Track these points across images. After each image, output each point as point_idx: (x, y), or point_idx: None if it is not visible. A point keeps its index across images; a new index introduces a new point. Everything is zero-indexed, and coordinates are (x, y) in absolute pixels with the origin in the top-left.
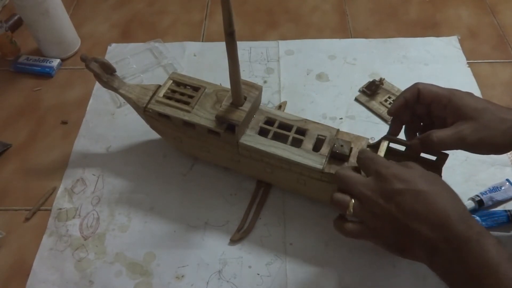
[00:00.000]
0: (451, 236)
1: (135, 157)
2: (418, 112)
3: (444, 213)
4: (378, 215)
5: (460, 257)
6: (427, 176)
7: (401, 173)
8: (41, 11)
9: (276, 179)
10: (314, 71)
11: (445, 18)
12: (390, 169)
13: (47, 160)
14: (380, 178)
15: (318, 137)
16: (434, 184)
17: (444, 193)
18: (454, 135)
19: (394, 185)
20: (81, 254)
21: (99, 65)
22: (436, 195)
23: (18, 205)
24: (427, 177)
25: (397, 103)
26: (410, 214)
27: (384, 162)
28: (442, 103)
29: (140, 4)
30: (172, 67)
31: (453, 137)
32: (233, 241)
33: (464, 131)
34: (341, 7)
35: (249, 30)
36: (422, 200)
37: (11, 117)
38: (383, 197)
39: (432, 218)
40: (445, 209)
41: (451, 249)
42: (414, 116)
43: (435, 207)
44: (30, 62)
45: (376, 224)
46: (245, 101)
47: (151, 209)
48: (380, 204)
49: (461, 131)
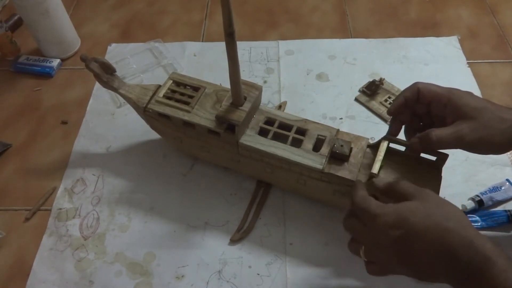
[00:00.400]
0: (459, 269)
1: (135, 157)
2: (418, 111)
3: (448, 247)
4: (388, 259)
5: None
6: (419, 207)
7: (393, 218)
8: (41, 11)
9: (276, 179)
10: (314, 71)
11: (445, 18)
12: (381, 218)
13: (47, 160)
14: (376, 229)
15: (318, 137)
16: (428, 216)
17: (443, 221)
18: (453, 134)
19: (390, 235)
20: (81, 254)
21: (99, 65)
22: (435, 229)
23: (18, 205)
24: (419, 210)
25: (396, 102)
26: (416, 255)
27: (373, 212)
28: (442, 103)
29: (140, 4)
30: (172, 67)
31: (452, 136)
32: (233, 241)
33: (463, 130)
34: (341, 7)
35: (249, 30)
36: (423, 239)
37: (11, 117)
38: (386, 247)
39: (438, 254)
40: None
41: (463, 278)
42: (414, 116)
43: (438, 242)
44: (30, 62)
45: (388, 266)
46: (245, 101)
47: (151, 209)
48: (385, 252)
49: (460, 130)
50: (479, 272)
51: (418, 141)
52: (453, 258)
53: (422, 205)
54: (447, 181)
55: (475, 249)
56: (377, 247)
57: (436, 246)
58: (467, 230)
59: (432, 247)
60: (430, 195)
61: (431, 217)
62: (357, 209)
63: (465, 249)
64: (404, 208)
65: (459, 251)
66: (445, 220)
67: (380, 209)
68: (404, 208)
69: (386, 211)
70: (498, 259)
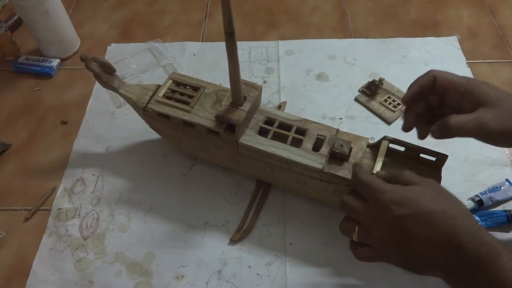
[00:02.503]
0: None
1: (135, 157)
2: (431, 102)
3: (453, 234)
4: (385, 241)
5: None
6: (426, 191)
7: (399, 196)
8: (41, 11)
9: (276, 179)
10: (314, 71)
11: (445, 18)
12: (387, 194)
13: (47, 160)
14: (379, 205)
15: (318, 137)
16: (435, 201)
17: (449, 209)
18: (473, 121)
19: (394, 212)
20: (80, 254)
21: (99, 65)
22: (441, 214)
23: (18, 205)
24: (426, 193)
25: (411, 91)
26: (416, 239)
27: (379, 187)
28: (459, 91)
29: (140, 4)
30: (172, 67)
31: (473, 123)
32: (233, 241)
33: (484, 118)
34: (341, 7)
35: (249, 30)
36: (427, 222)
37: (11, 117)
38: (386, 225)
39: (441, 241)
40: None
41: (464, 270)
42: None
43: (443, 229)
44: (30, 62)
45: (384, 249)
46: (245, 101)
47: (151, 209)
48: (384, 232)
49: (481, 118)
50: (486, 263)
51: (437, 128)
52: (457, 247)
53: (429, 191)
54: (446, 181)
55: (481, 239)
56: (375, 226)
57: (441, 232)
58: (472, 220)
59: (436, 233)
60: (435, 184)
61: (438, 203)
62: (360, 185)
63: (471, 238)
64: (411, 190)
65: (465, 240)
66: (451, 207)
67: (387, 186)
68: (411, 190)
69: (392, 189)
70: (503, 251)
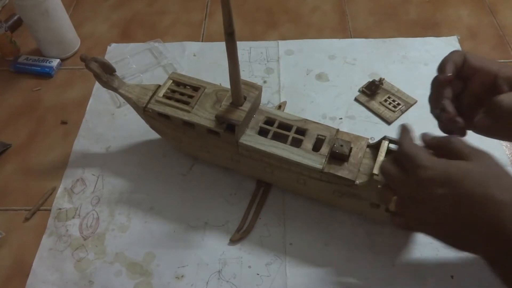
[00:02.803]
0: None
1: (135, 157)
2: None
3: (498, 223)
4: (423, 220)
5: None
6: (474, 170)
7: (442, 174)
8: (41, 11)
9: (276, 179)
10: (314, 71)
11: (445, 18)
12: (429, 171)
13: (47, 160)
14: (419, 183)
15: (318, 137)
16: (483, 183)
17: (498, 193)
18: None
19: (434, 191)
20: (80, 254)
21: (99, 65)
22: (487, 199)
23: (18, 205)
24: (474, 172)
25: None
26: (456, 223)
27: (421, 163)
28: (491, 73)
29: (140, 4)
30: (172, 67)
31: None
32: (233, 241)
33: None
34: (341, 7)
35: (249, 30)
36: (469, 208)
37: (11, 117)
38: (424, 203)
39: (484, 229)
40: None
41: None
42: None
43: (486, 216)
44: (29, 62)
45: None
46: (245, 101)
47: (151, 209)
48: (422, 212)
49: None
50: None
51: (485, 115)
52: (501, 236)
53: (478, 169)
54: None
55: None
56: (413, 204)
57: (484, 219)
58: None
59: (479, 220)
60: (488, 159)
61: (485, 186)
62: (403, 155)
63: None
64: (456, 167)
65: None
66: (501, 191)
67: (430, 161)
68: (457, 168)
69: (436, 165)
70: None
